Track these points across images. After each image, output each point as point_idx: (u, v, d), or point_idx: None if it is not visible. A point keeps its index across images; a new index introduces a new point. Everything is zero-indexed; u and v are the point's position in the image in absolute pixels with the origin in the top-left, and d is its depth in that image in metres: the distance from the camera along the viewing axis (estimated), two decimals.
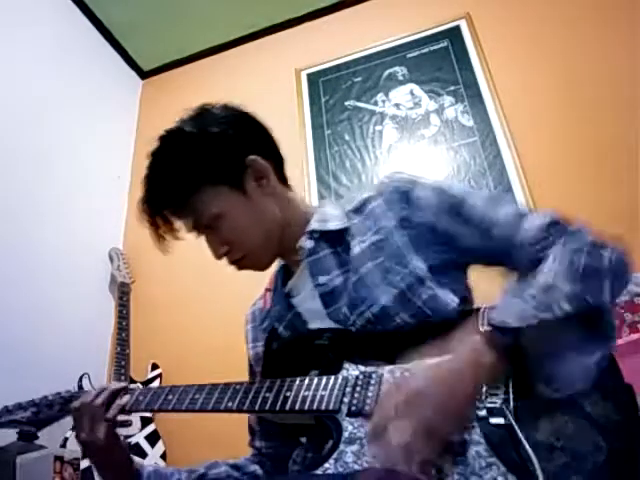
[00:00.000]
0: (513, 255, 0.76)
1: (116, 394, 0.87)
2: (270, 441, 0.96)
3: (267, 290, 1.01)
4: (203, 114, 0.90)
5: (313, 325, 0.86)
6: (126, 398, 0.87)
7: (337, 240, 0.87)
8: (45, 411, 0.95)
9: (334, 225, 0.88)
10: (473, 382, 0.62)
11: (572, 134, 1.76)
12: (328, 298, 0.83)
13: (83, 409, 0.85)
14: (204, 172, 0.85)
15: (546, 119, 1.82)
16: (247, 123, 0.92)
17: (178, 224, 0.90)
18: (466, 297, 0.84)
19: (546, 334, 0.64)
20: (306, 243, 0.88)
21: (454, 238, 0.81)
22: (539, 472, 0.52)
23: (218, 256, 0.89)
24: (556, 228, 0.74)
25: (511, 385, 0.63)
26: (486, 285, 0.81)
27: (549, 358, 0.63)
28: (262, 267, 0.93)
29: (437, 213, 0.82)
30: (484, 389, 0.64)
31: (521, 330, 0.63)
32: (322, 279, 0.84)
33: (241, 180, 0.87)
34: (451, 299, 0.78)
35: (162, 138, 0.89)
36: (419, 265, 0.80)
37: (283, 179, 0.95)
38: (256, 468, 0.96)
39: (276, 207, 0.91)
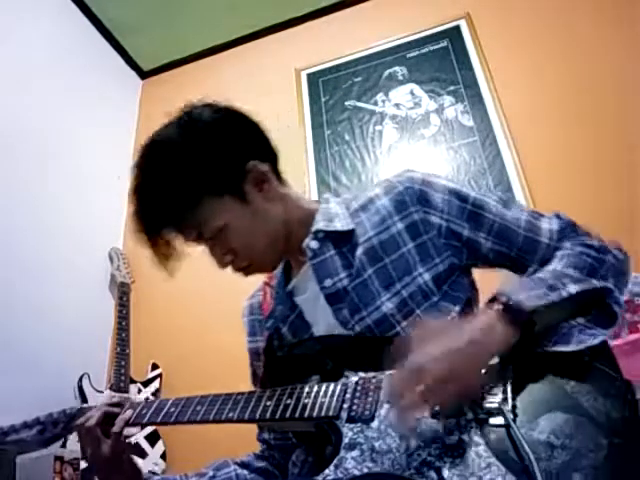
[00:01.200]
0: (527, 258, 0.79)
1: (114, 412, 0.87)
2: (278, 432, 0.95)
3: (266, 284, 1.00)
4: (191, 119, 0.84)
5: (316, 328, 0.86)
6: (129, 412, 0.87)
7: (343, 240, 0.85)
8: (50, 429, 0.94)
9: (340, 225, 0.86)
10: (486, 348, 0.63)
11: (572, 134, 1.76)
12: (332, 299, 0.82)
13: (87, 426, 0.85)
14: (203, 183, 0.80)
15: (546, 119, 1.82)
16: (239, 124, 0.87)
17: (177, 240, 0.86)
18: (470, 299, 0.84)
19: (553, 314, 0.67)
20: (311, 243, 0.85)
21: (472, 243, 0.81)
22: (537, 472, 0.52)
23: (223, 265, 0.86)
24: (565, 232, 0.79)
25: (509, 385, 0.63)
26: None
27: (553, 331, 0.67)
28: (269, 270, 0.92)
29: (455, 217, 0.82)
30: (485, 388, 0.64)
31: (533, 311, 0.64)
32: (327, 282, 0.83)
33: (242, 188, 0.83)
34: (452, 308, 0.79)
35: (149, 148, 0.83)
36: (424, 275, 0.80)
37: (279, 176, 0.91)
38: (265, 464, 0.96)
39: (279, 209, 0.87)
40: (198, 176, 0.79)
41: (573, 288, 0.66)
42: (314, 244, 0.85)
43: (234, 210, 0.82)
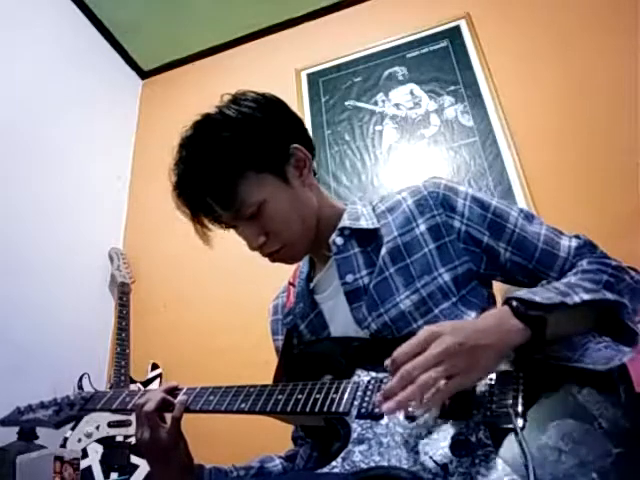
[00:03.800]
0: (545, 272, 0.80)
1: (170, 399, 0.86)
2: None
3: (290, 284, 1.02)
4: (243, 100, 0.88)
5: (333, 326, 0.87)
6: (184, 397, 0.86)
7: (368, 239, 0.88)
8: (66, 410, 0.96)
9: (365, 224, 0.89)
10: (498, 338, 0.63)
11: (572, 133, 1.75)
12: (352, 296, 0.84)
13: (146, 410, 0.82)
14: (249, 158, 0.83)
15: (546, 119, 1.82)
16: (286, 111, 0.93)
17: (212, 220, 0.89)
18: (486, 310, 0.83)
19: (565, 319, 0.66)
20: (337, 239, 0.88)
21: (492, 252, 0.82)
22: (532, 475, 0.53)
23: (254, 247, 0.87)
24: (584, 250, 0.80)
25: (521, 390, 0.63)
26: None
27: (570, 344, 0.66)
28: (296, 260, 0.93)
29: (477, 225, 0.83)
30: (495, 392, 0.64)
31: (544, 308, 0.64)
32: (349, 278, 0.85)
33: (284, 168, 0.87)
34: (468, 313, 0.80)
35: (202, 122, 0.86)
36: (444, 275, 0.81)
37: (313, 171, 0.96)
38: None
39: (314, 199, 0.91)
40: (245, 149, 0.83)
41: (586, 296, 0.66)
42: (339, 240, 0.88)
43: (275, 189, 0.85)
